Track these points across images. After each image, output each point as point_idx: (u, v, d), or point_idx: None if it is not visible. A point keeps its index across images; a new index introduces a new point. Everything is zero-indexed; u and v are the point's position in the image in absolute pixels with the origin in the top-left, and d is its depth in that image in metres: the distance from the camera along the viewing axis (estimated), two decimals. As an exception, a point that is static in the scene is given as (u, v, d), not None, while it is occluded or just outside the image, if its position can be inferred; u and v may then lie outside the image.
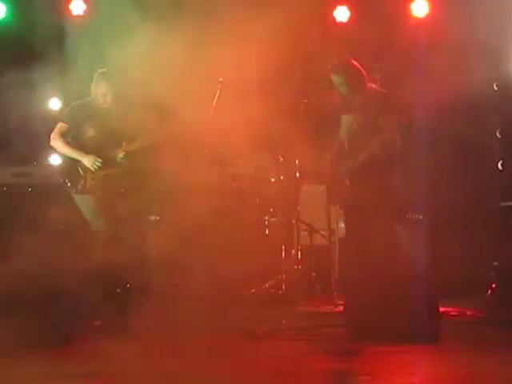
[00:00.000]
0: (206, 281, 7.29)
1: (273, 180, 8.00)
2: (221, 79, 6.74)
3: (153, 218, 7.77)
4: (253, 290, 7.42)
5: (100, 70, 6.51)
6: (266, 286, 7.53)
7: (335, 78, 6.25)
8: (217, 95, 6.62)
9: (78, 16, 8.20)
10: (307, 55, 7.35)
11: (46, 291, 5.38)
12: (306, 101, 7.53)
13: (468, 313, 6.56)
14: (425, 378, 4.43)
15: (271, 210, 7.95)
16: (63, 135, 6.46)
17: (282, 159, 7.88)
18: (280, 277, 7.58)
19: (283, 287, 7.53)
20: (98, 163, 6.36)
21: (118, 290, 7.03)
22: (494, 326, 5.87)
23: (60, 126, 6.48)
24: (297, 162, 7.99)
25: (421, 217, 7.77)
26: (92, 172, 6.39)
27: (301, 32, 6.94)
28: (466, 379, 4.38)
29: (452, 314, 6.49)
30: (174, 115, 6.51)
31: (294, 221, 8.00)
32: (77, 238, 6.47)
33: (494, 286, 6.33)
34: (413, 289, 5.34)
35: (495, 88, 7.85)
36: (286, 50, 6.87)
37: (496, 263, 6.38)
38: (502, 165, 8.00)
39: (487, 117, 7.76)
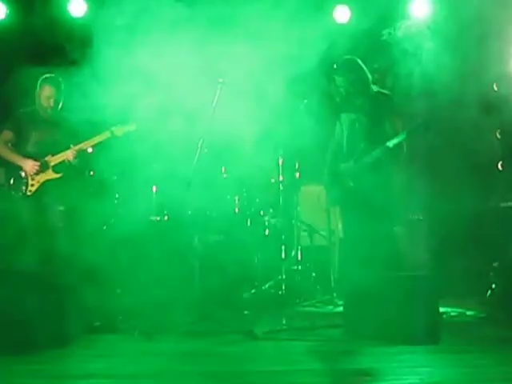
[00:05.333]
0: (205, 281, 7.31)
1: (273, 180, 8.01)
2: (221, 79, 6.74)
3: (153, 218, 7.79)
4: (253, 291, 7.43)
5: (44, 76, 6.67)
6: (266, 286, 7.53)
7: (339, 80, 6.19)
8: (217, 95, 6.61)
9: (78, 16, 8.20)
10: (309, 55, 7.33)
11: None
12: (305, 101, 7.53)
13: (468, 313, 6.57)
14: (425, 378, 4.43)
15: (271, 210, 7.96)
16: (7, 141, 6.68)
17: (281, 160, 7.91)
18: (280, 277, 7.59)
19: (283, 288, 7.53)
20: (36, 167, 6.51)
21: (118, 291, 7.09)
22: (494, 325, 5.87)
23: (4, 132, 6.70)
24: (297, 162, 8.03)
25: (421, 217, 7.78)
26: (33, 177, 6.54)
27: (302, 32, 6.93)
28: (465, 379, 4.38)
29: (452, 314, 6.50)
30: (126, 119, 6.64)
31: (293, 221, 8.01)
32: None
33: (493, 286, 6.33)
34: (413, 289, 5.34)
35: (495, 88, 7.85)
36: (286, 50, 6.87)
37: (496, 263, 6.38)
38: (501, 165, 8.01)
39: (487, 117, 7.76)
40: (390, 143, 5.92)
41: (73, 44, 7.55)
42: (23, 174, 6.58)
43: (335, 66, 6.24)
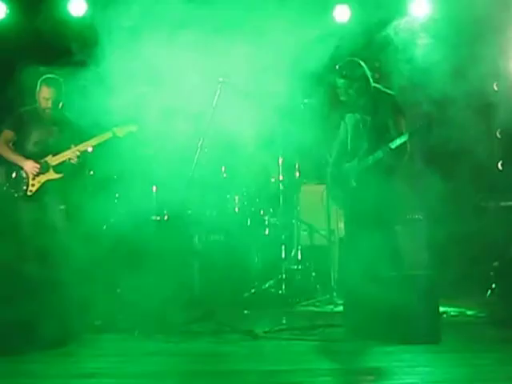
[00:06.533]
0: (205, 280, 7.32)
1: (273, 180, 8.01)
2: (221, 79, 6.75)
3: (153, 217, 7.79)
4: (253, 290, 7.43)
5: (44, 76, 6.66)
6: (266, 286, 7.54)
7: (340, 82, 6.18)
8: (217, 95, 6.61)
9: (78, 16, 8.21)
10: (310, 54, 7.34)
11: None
12: (306, 100, 7.53)
13: (468, 313, 6.57)
14: (425, 378, 4.43)
15: (271, 209, 7.96)
16: (8, 141, 6.67)
17: (281, 159, 7.91)
18: (280, 277, 7.59)
19: (283, 287, 7.54)
20: (36, 168, 6.49)
21: (118, 291, 7.10)
22: (494, 325, 5.87)
23: (5, 132, 6.68)
24: (297, 162, 8.03)
25: (421, 217, 7.78)
26: (33, 177, 6.54)
27: (302, 31, 6.93)
28: (465, 379, 4.38)
29: (452, 314, 6.50)
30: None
31: (293, 221, 8.01)
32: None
33: (493, 286, 6.33)
34: (413, 289, 5.34)
35: (495, 88, 7.85)
36: (287, 49, 6.87)
37: (496, 263, 6.37)
38: (501, 165, 8.01)
39: (487, 117, 7.76)
40: (393, 144, 5.91)
41: (73, 43, 7.55)
42: (24, 174, 6.58)
43: (337, 68, 6.22)
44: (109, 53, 6.66)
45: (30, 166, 6.55)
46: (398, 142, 5.91)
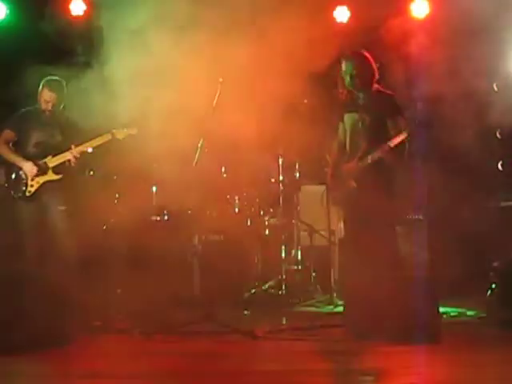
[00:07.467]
0: (205, 281, 7.32)
1: (273, 180, 8.01)
2: (221, 79, 6.75)
3: (153, 218, 7.79)
4: (253, 290, 7.43)
5: (46, 78, 6.65)
6: (266, 286, 7.54)
7: (345, 65, 6.19)
8: (217, 95, 6.61)
9: (78, 16, 8.20)
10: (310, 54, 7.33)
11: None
12: (306, 101, 7.52)
13: (468, 313, 6.57)
14: (425, 378, 4.42)
15: (271, 210, 7.96)
16: (8, 141, 6.67)
17: (281, 160, 7.91)
18: (280, 277, 7.59)
19: (283, 287, 7.54)
20: (35, 170, 6.49)
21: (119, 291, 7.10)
22: (494, 325, 5.87)
23: (5, 132, 6.69)
24: (297, 162, 8.02)
25: (421, 217, 7.77)
26: (32, 178, 6.53)
27: (302, 32, 6.93)
28: (466, 379, 4.38)
29: (452, 314, 6.50)
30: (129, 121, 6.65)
31: (293, 221, 8.01)
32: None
33: (493, 286, 6.32)
34: (413, 289, 5.34)
35: (495, 88, 7.85)
36: (287, 49, 6.86)
37: (496, 263, 6.37)
38: (501, 165, 8.00)
39: (487, 117, 7.75)
40: (391, 143, 5.93)
41: (75, 44, 7.55)
42: (23, 175, 6.57)
43: (344, 55, 6.23)
44: (110, 53, 6.65)
45: (28, 168, 6.54)
46: (397, 141, 5.92)
